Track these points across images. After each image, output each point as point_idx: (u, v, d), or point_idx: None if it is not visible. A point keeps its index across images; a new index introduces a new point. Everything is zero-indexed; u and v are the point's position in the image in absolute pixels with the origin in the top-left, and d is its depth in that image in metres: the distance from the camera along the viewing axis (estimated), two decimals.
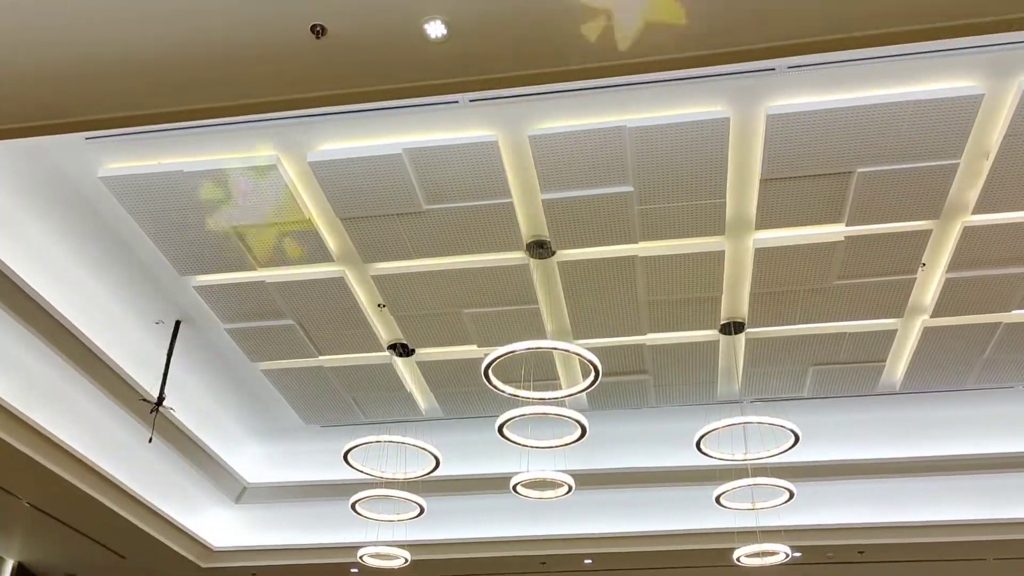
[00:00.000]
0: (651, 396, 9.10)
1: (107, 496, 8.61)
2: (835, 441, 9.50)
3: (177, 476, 9.66)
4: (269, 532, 10.63)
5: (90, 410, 8.22)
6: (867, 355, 8.33)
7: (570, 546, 10.20)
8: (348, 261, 7.16)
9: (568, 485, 7.79)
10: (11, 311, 6.87)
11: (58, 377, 7.73)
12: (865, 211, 6.45)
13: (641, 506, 10.05)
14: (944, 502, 9.65)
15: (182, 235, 6.74)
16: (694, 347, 8.26)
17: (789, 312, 7.67)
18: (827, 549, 10.05)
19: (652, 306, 7.61)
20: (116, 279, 7.42)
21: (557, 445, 7.17)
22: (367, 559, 9.10)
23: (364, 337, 8.08)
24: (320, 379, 8.81)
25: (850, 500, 9.77)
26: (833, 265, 7.02)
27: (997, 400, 9.23)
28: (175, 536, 9.85)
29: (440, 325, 7.91)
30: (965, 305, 7.53)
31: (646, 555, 10.29)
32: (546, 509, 9.80)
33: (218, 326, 8.01)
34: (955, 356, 8.30)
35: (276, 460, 10.54)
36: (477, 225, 6.61)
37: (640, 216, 6.50)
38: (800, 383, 8.80)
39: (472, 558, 10.44)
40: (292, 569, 10.78)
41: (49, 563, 10.66)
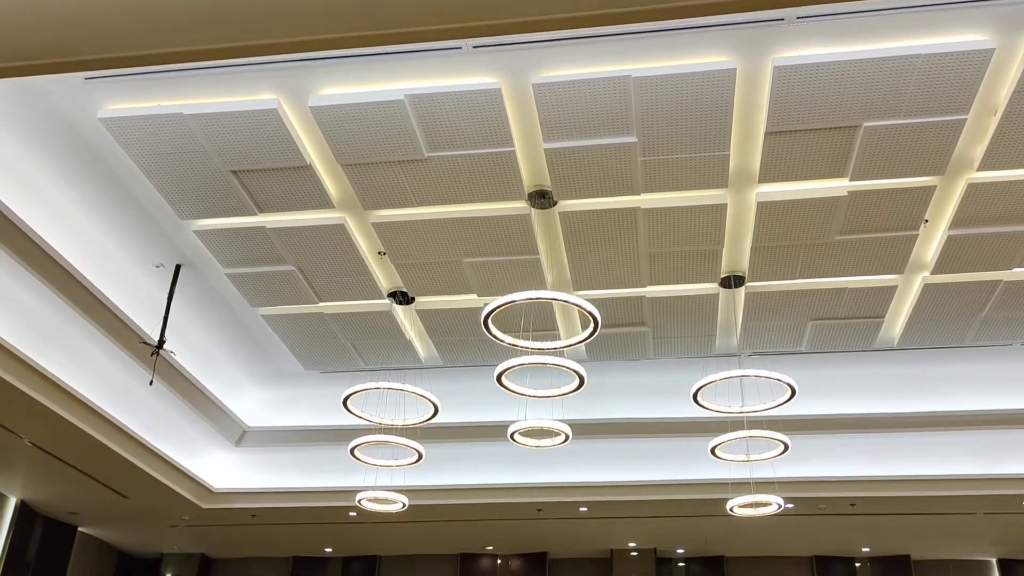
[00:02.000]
0: (650, 348, 9.13)
1: (108, 437, 8.70)
2: (831, 395, 9.58)
3: (178, 418, 9.75)
4: (268, 475, 10.77)
5: (91, 352, 8.26)
6: (866, 311, 8.34)
7: (566, 494, 10.34)
8: (349, 208, 7.13)
9: (565, 434, 7.86)
10: (12, 252, 6.86)
11: (59, 319, 7.75)
12: (869, 166, 6.40)
13: (637, 456, 10.17)
14: (936, 457, 9.76)
15: (182, 178, 6.70)
16: (694, 300, 8.27)
17: (789, 266, 7.66)
18: (819, 501, 10.20)
19: (653, 258, 7.60)
20: (116, 222, 7.40)
21: (555, 395, 7.22)
22: (365, 503, 9.22)
23: (364, 284, 8.09)
24: (320, 325, 8.84)
25: (843, 453, 9.88)
26: (835, 220, 6.99)
27: (994, 357, 9.27)
28: (176, 477, 9.97)
29: (440, 274, 7.91)
30: (966, 262, 7.52)
31: (641, 504, 10.43)
32: (543, 457, 9.92)
33: (218, 271, 8.02)
34: (954, 313, 8.32)
35: (276, 405, 10.63)
36: (479, 174, 6.57)
37: (643, 167, 6.46)
38: (798, 337, 8.83)
39: (469, 504, 10.59)
40: (291, 512, 10.95)
41: (52, 501, 10.82)
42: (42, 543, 11.07)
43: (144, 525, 11.73)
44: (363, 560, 13.16)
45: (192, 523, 11.48)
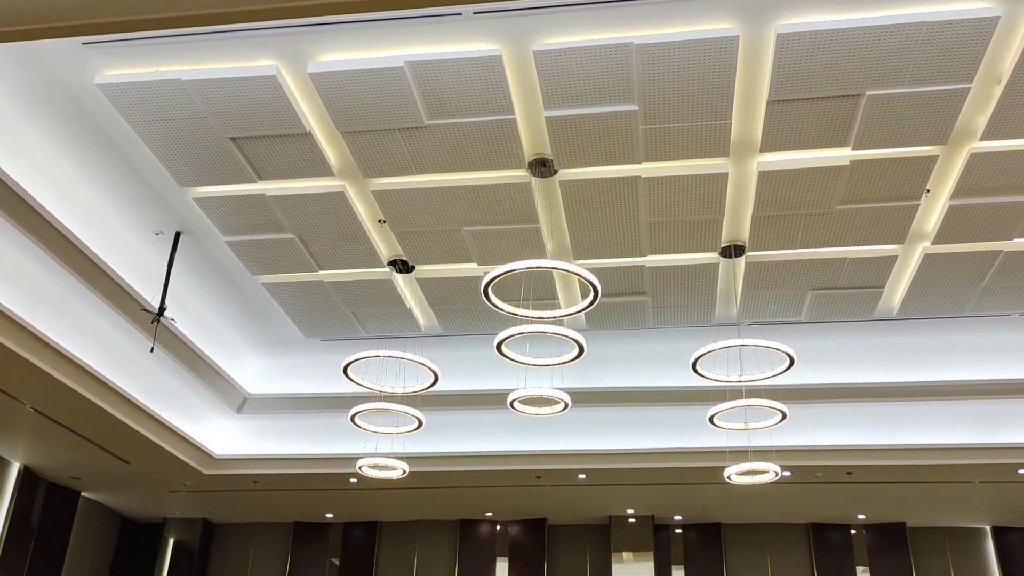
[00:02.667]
0: (649, 317, 9.15)
1: (109, 403, 8.74)
2: (830, 365, 9.61)
3: (179, 385, 9.79)
4: (270, 441, 10.84)
5: (92, 319, 8.28)
6: (866, 281, 8.35)
7: (565, 461, 10.42)
8: (348, 176, 7.11)
9: (564, 402, 7.90)
10: (11, 219, 6.85)
11: (59, 286, 7.76)
12: (872, 135, 6.37)
13: (635, 424, 10.23)
14: (933, 426, 9.82)
15: (181, 145, 6.67)
16: (694, 269, 8.27)
17: (790, 236, 7.66)
18: (816, 469, 10.28)
19: (653, 227, 7.59)
20: (115, 189, 7.38)
21: (555, 363, 7.25)
22: (366, 470, 9.28)
23: (364, 253, 8.09)
24: (320, 293, 8.85)
25: (841, 422, 9.94)
26: (837, 190, 6.97)
27: (993, 328, 9.29)
28: (177, 443, 10.04)
29: (440, 242, 7.91)
30: (967, 233, 7.52)
31: (639, 471, 10.51)
32: (542, 425, 9.98)
33: (218, 238, 8.01)
34: (954, 283, 8.32)
35: (276, 372, 10.67)
36: (479, 142, 6.54)
37: (644, 136, 6.43)
38: (798, 307, 8.84)
39: (469, 471, 10.67)
40: (292, 478, 11.03)
41: (55, 467, 10.90)
42: (45, 508, 11.17)
43: (147, 490, 11.83)
44: (364, 526, 13.30)
45: (194, 488, 11.57)
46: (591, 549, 12.92)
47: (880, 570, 12.25)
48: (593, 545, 12.91)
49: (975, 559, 12.41)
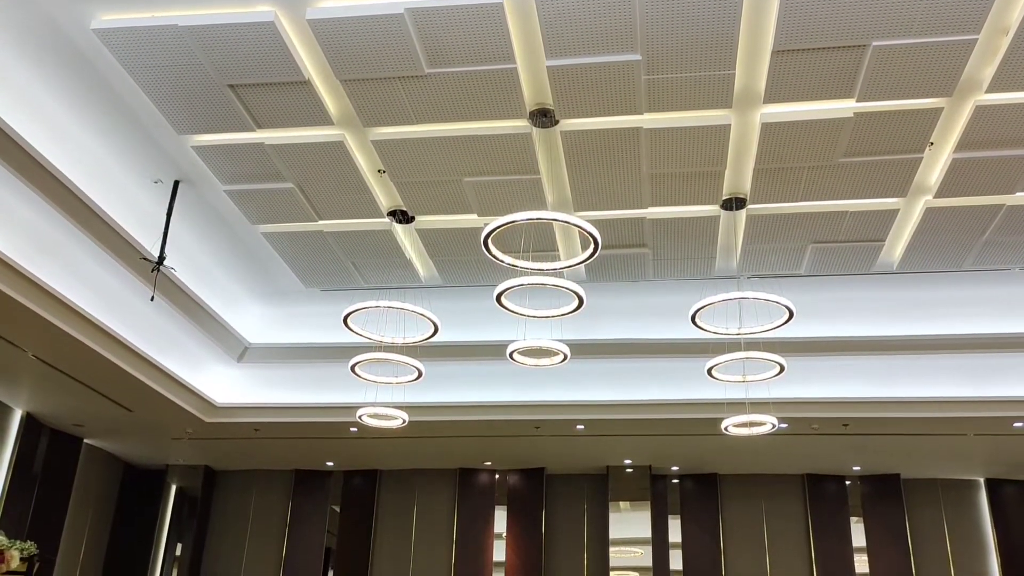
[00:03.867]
0: (649, 269, 9.15)
1: (110, 351, 8.78)
2: (829, 318, 9.64)
3: (179, 334, 9.83)
4: (271, 390, 10.92)
5: (92, 268, 8.28)
6: (867, 234, 8.33)
7: (563, 412, 10.50)
8: (348, 125, 7.05)
9: (563, 354, 7.93)
10: (9, 166, 6.81)
11: (59, 234, 7.75)
12: (877, 87, 6.31)
13: (634, 376, 10.29)
14: (930, 379, 9.88)
15: (179, 92, 6.61)
16: (694, 222, 8.25)
17: (792, 189, 7.62)
18: (813, 421, 10.36)
19: (654, 179, 7.55)
20: (113, 136, 7.32)
21: (554, 315, 7.26)
22: (366, 419, 9.36)
23: (364, 203, 8.05)
24: (320, 243, 8.83)
25: (838, 375, 10.00)
26: (840, 142, 6.92)
27: (992, 282, 9.31)
28: (179, 391, 10.11)
29: (440, 192, 7.87)
30: (970, 186, 7.48)
31: (637, 423, 10.60)
32: (541, 376, 10.03)
33: (217, 187, 7.97)
34: (954, 237, 8.31)
35: (277, 321, 10.71)
36: (480, 91, 6.47)
37: (646, 86, 6.36)
38: (798, 260, 8.84)
39: (468, 421, 10.77)
40: (293, 426, 11.13)
41: (57, 414, 10.98)
42: (48, 454, 11.28)
43: (149, 438, 11.94)
44: (364, 474, 13.46)
45: (196, 436, 11.68)
46: (589, 498, 13.09)
47: (874, 520, 12.42)
48: (591, 494, 13.08)
49: (968, 510, 12.58)
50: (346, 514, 13.31)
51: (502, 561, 12.61)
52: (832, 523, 12.50)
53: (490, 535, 12.80)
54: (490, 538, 12.77)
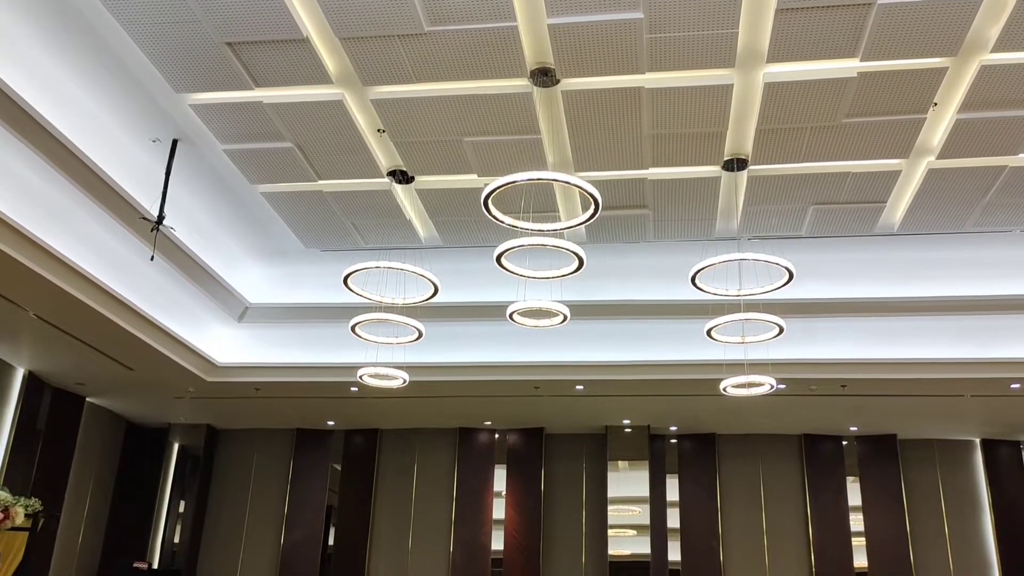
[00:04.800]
0: (650, 231, 9.13)
1: (111, 310, 8.79)
2: (829, 280, 9.65)
3: (180, 294, 9.84)
4: (271, 350, 10.95)
5: (92, 228, 8.26)
6: (868, 196, 8.31)
7: (563, 372, 10.54)
8: (347, 84, 6.99)
9: (563, 315, 7.95)
10: (8, 126, 6.76)
11: (58, 193, 7.71)
12: (881, 46, 6.24)
13: (634, 337, 10.31)
14: (928, 341, 9.91)
15: (176, 49, 6.54)
16: (695, 183, 8.22)
17: (794, 150, 7.58)
18: (811, 382, 10.40)
19: (656, 140, 7.51)
20: (111, 95, 7.26)
21: (554, 276, 7.26)
22: (366, 379, 9.40)
23: (363, 163, 8.01)
24: (320, 203, 8.80)
25: (837, 336, 10.03)
26: (843, 102, 6.87)
27: (993, 244, 9.31)
28: (180, 351, 10.14)
29: (440, 152, 7.83)
30: (972, 147, 7.44)
31: (636, 383, 10.65)
32: (541, 337, 10.06)
33: (216, 147, 7.92)
34: (956, 199, 8.28)
35: (277, 282, 10.71)
36: (480, 50, 6.41)
37: (649, 45, 6.29)
38: (799, 222, 8.82)
39: (468, 381, 10.81)
40: (294, 386, 11.18)
41: (59, 373, 11.03)
42: (51, 413, 11.35)
43: (151, 396, 12.00)
44: (364, 433, 13.55)
45: (197, 395, 11.74)
46: (587, 457, 13.20)
47: (869, 480, 12.54)
48: (589, 454, 13.19)
49: (963, 470, 12.70)
50: (347, 472, 13.44)
51: (502, 519, 12.76)
52: (828, 483, 12.62)
53: (490, 494, 12.93)
54: (490, 496, 12.91)
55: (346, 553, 12.97)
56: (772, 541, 12.55)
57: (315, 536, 13.08)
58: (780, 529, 12.59)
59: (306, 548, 13.01)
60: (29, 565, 10.27)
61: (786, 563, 12.39)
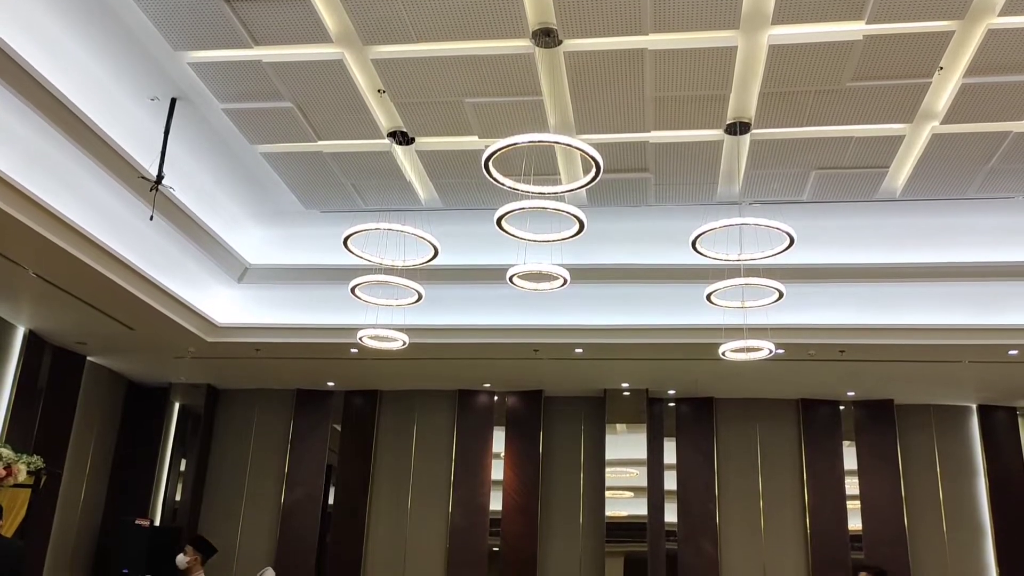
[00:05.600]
0: (651, 194, 9.10)
1: (110, 269, 8.78)
2: (830, 245, 9.64)
3: (179, 254, 9.83)
4: (271, 311, 10.96)
5: (90, 187, 8.22)
6: (871, 161, 8.26)
7: (562, 335, 10.56)
8: (347, 43, 6.92)
9: (563, 278, 7.94)
10: (6, 83, 6.70)
11: (56, 152, 7.67)
12: (887, 8, 6.17)
13: (633, 301, 10.32)
14: (927, 307, 9.92)
15: (174, 6, 6.45)
16: (697, 147, 8.17)
17: (797, 114, 7.52)
18: (810, 347, 10.43)
19: (658, 103, 7.45)
20: (108, 52, 7.19)
21: (555, 239, 7.24)
22: (366, 340, 9.42)
23: (363, 123, 7.96)
24: (320, 164, 8.76)
25: (837, 302, 10.03)
26: (848, 66, 6.81)
27: (994, 210, 9.28)
28: (179, 311, 10.15)
29: (441, 114, 7.77)
30: (977, 112, 7.39)
31: (635, 347, 10.68)
32: (541, 300, 10.06)
33: (215, 106, 7.86)
34: (959, 164, 8.24)
35: (277, 242, 10.70)
36: (481, 8, 6.33)
37: (652, 5, 6.22)
38: (801, 187, 8.78)
39: (468, 343, 10.84)
40: (294, 347, 11.21)
41: (60, 331, 11.05)
42: (52, 372, 11.39)
43: (151, 356, 12.04)
44: (364, 394, 13.62)
45: (198, 355, 11.78)
46: (586, 420, 13.28)
47: (865, 445, 12.63)
48: (588, 416, 13.27)
49: (959, 435, 12.77)
50: (347, 433, 13.53)
51: (500, 480, 12.87)
52: (825, 447, 12.71)
53: (489, 455, 13.03)
54: (489, 458, 13.01)
55: (346, 512, 13.11)
56: (768, 503, 12.67)
57: (315, 495, 13.21)
58: (776, 492, 12.70)
59: (306, 507, 13.15)
60: (32, 521, 10.40)
61: (781, 525, 12.53)
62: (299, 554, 12.91)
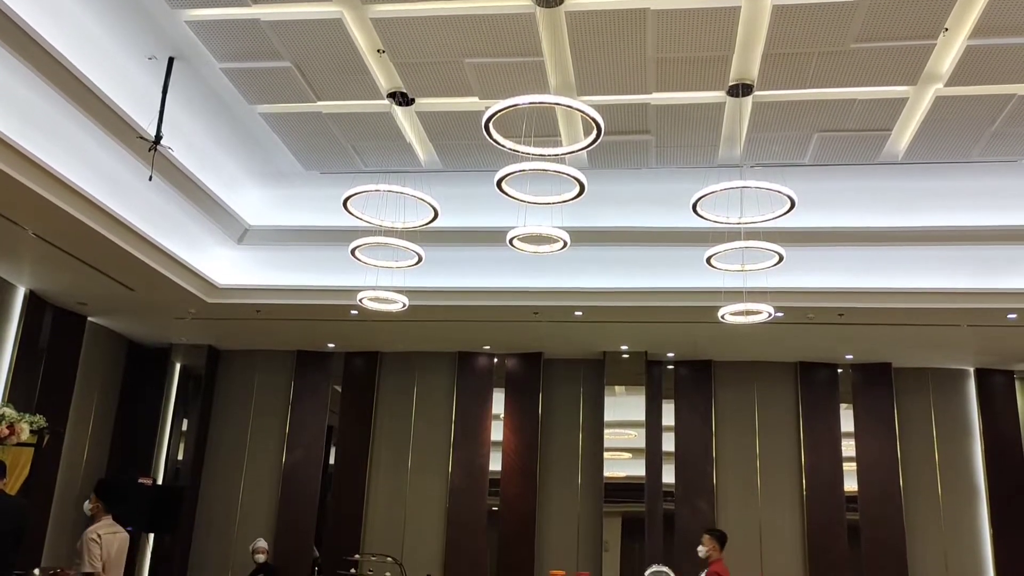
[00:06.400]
0: (652, 157, 9.06)
1: (110, 230, 8.77)
2: (830, 208, 9.61)
3: (179, 215, 9.81)
4: (271, 272, 10.97)
5: (89, 147, 8.18)
6: (874, 123, 8.21)
7: (562, 298, 10.58)
8: (346, 1, 6.84)
9: (564, 240, 7.93)
10: (4, 43, 6.63)
11: (54, 112, 7.62)
12: None
13: (633, 264, 10.32)
14: (927, 270, 9.92)
15: None
16: (699, 108, 8.11)
17: (800, 75, 7.46)
18: (808, 311, 10.45)
19: (660, 64, 7.38)
20: (105, 10, 7.11)
21: (555, 201, 7.22)
22: (366, 302, 9.43)
23: (363, 84, 7.90)
24: (319, 125, 8.71)
25: (837, 265, 10.03)
26: (852, 26, 6.74)
27: (997, 173, 9.25)
28: (179, 272, 10.15)
29: (441, 74, 7.71)
30: (982, 75, 7.33)
31: (635, 310, 10.70)
32: (541, 263, 10.06)
33: (213, 65, 7.80)
34: (963, 127, 8.19)
35: (277, 204, 10.67)
36: None
37: None
38: (803, 150, 8.74)
39: (468, 306, 10.86)
40: (294, 308, 11.24)
41: (60, 292, 11.07)
42: (53, 332, 11.42)
43: (152, 317, 12.08)
44: (365, 355, 13.68)
45: (198, 316, 11.81)
46: (585, 382, 13.35)
47: (862, 407, 12.71)
48: (587, 378, 13.34)
49: (956, 398, 12.85)
50: (347, 394, 13.61)
51: (500, 441, 12.97)
52: (822, 409, 12.79)
53: (488, 416, 13.11)
54: (488, 419, 13.10)
55: (347, 472, 13.23)
56: (765, 465, 12.78)
57: (316, 455, 13.32)
58: (773, 453, 12.81)
59: (307, 467, 13.27)
60: (36, 481, 10.50)
61: (778, 486, 12.65)
62: (300, 513, 13.06)
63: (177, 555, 12.92)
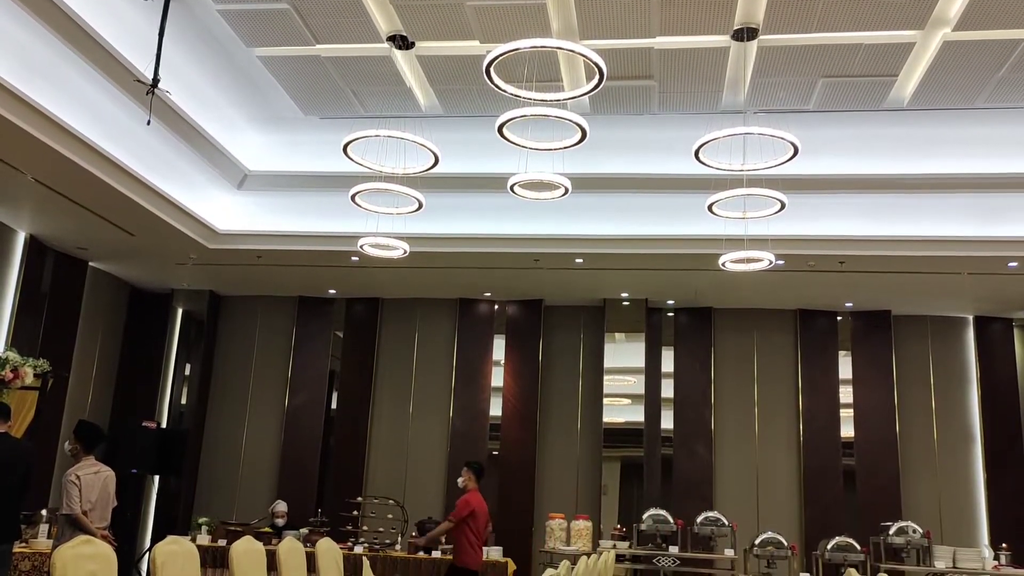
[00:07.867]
0: (654, 102, 8.98)
1: (109, 174, 8.72)
2: (834, 155, 9.55)
3: (179, 160, 9.75)
4: (272, 218, 10.95)
5: (87, 90, 8.10)
6: (880, 69, 8.12)
7: (563, 245, 10.57)
8: None
9: (564, 187, 7.90)
10: None
11: (51, 55, 7.53)
12: None
13: (635, 211, 10.28)
14: (929, 218, 9.89)
15: None
16: (703, 53, 8.02)
17: (806, 19, 7.35)
18: (809, 258, 10.44)
19: (664, 7, 7.27)
20: None
21: (556, 147, 7.17)
22: (367, 248, 9.43)
23: (362, 26, 7.79)
24: (318, 69, 8.62)
25: (839, 213, 10.00)
26: None
27: (1002, 120, 9.17)
28: (180, 217, 10.14)
29: (441, 16, 7.59)
30: (990, 19, 7.22)
31: (635, 257, 10.69)
32: (542, 209, 10.03)
33: (210, 7, 7.68)
34: (969, 74, 8.10)
35: (276, 149, 10.60)
36: None
37: None
38: (807, 96, 8.66)
39: (469, 252, 10.86)
40: (295, 254, 11.24)
41: (60, 236, 11.06)
42: (54, 276, 11.44)
43: (153, 262, 12.08)
44: (366, 301, 13.71)
45: (199, 262, 11.82)
46: (585, 329, 13.41)
47: (861, 354, 12.78)
48: (587, 325, 13.39)
49: (954, 345, 12.91)
50: (349, 340, 13.68)
51: (500, 387, 13.07)
52: (821, 356, 12.86)
53: (489, 362, 13.20)
54: (489, 365, 13.18)
55: (348, 417, 13.36)
56: (763, 411, 12.90)
57: (318, 400, 13.44)
58: (771, 400, 12.92)
59: (310, 411, 13.40)
60: (41, 425, 10.62)
61: (775, 431, 12.79)
62: (303, 457, 13.22)
63: (183, 497, 13.12)
